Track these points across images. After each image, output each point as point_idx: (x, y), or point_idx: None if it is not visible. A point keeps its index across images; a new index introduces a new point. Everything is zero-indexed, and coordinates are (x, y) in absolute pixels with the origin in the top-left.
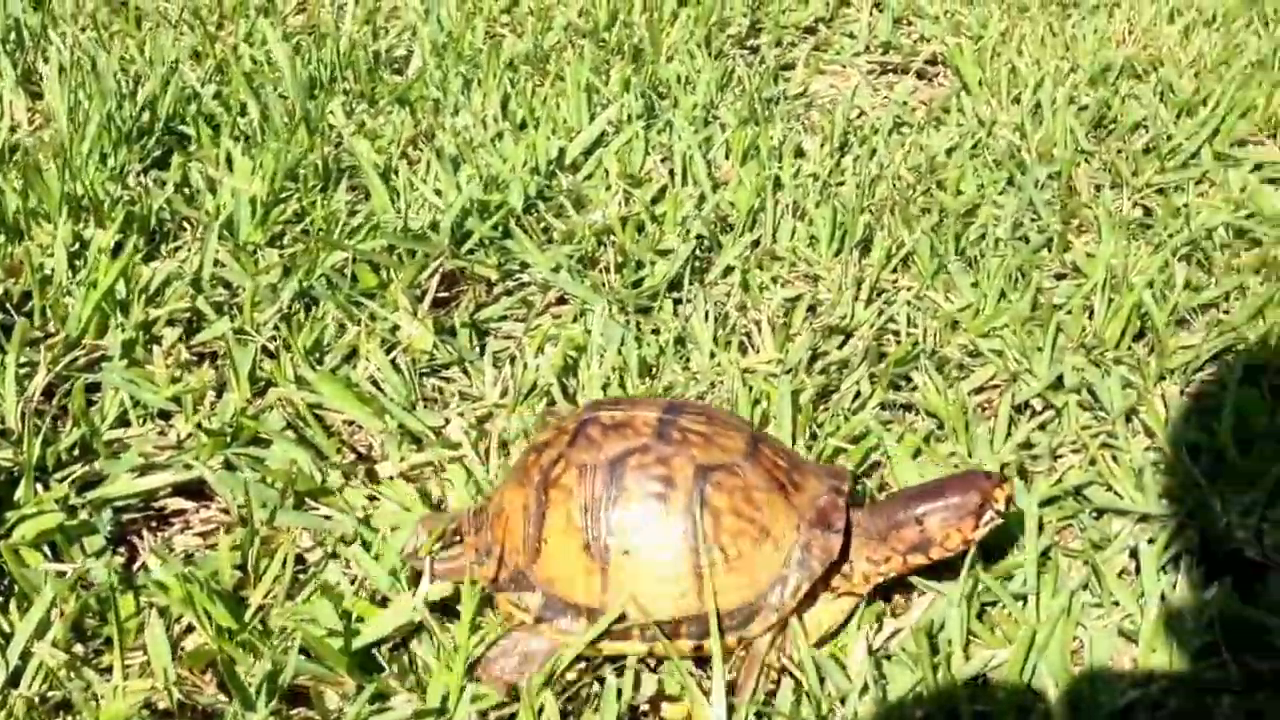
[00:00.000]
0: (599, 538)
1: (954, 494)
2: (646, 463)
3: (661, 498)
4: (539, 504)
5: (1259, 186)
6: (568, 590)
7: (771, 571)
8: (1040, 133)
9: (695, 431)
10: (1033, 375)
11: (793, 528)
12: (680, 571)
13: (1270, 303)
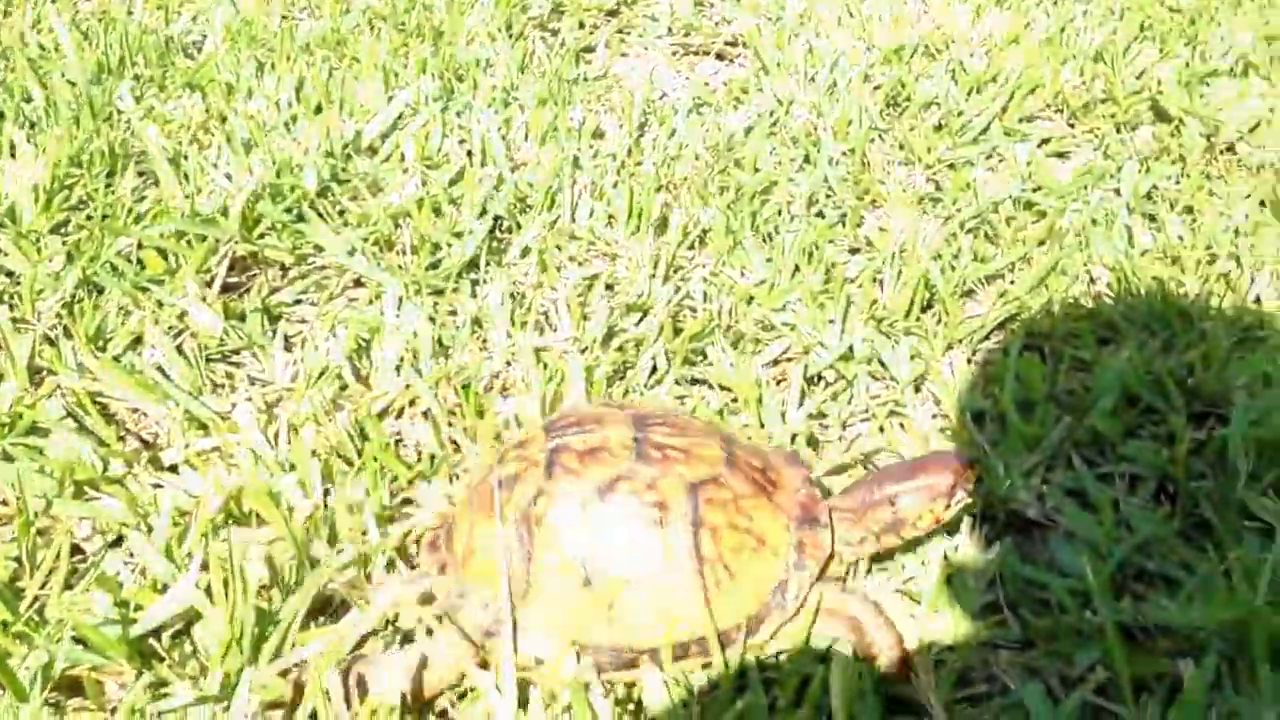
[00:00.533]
0: (598, 572)
1: (926, 475)
2: (636, 489)
3: (659, 523)
4: (523, 543)
5: (1045, 160)
6: (568, 628)
7: (772, 578)
8: (836, 111)
9: (673, 447)
10: (824, 347)
11: (783, 529)
12: (686, 598)
13: (1052, 272)
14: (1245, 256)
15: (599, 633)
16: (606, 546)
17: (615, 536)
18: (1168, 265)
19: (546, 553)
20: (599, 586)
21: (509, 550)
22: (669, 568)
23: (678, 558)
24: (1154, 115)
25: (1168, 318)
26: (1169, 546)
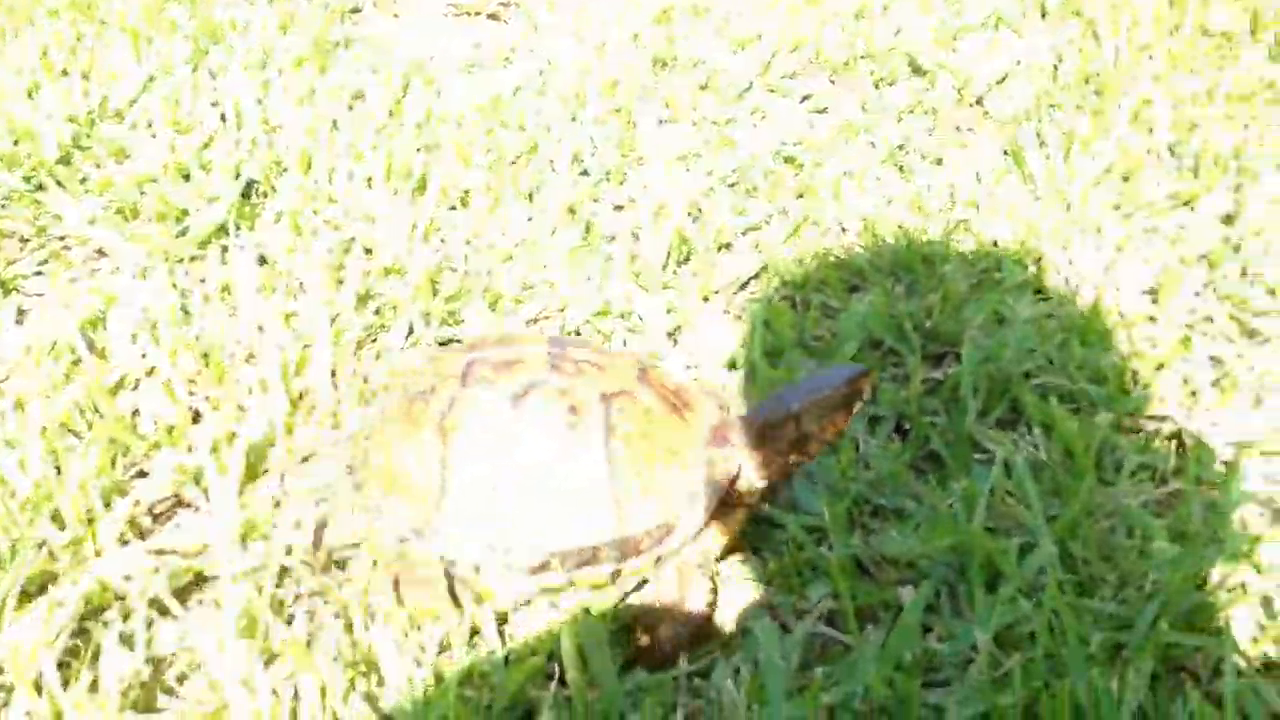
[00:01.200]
0: (509, 473)
1: (824, 389)
2: (549, 395)
3: (571, 426)
4: (438, 449)
5: (806, 116)
6: (483, 532)
7: (681, 490)
8: (604, 71)
9: (588, 362)
10: (582, 302)
11: (693, 445)
12: (597, 498)
13: (805, 223)
14: (985, 202)
15: (513, 536)
16: (519, 450)
17: (528, 441)
18: (914, 214)
19: (460, 458)
20: (511, 490)
21: (423, 458)
22: (581, 472)
23: (589, 462)
24: (910, 70)
25: (911, 264)
26: (902, 481)
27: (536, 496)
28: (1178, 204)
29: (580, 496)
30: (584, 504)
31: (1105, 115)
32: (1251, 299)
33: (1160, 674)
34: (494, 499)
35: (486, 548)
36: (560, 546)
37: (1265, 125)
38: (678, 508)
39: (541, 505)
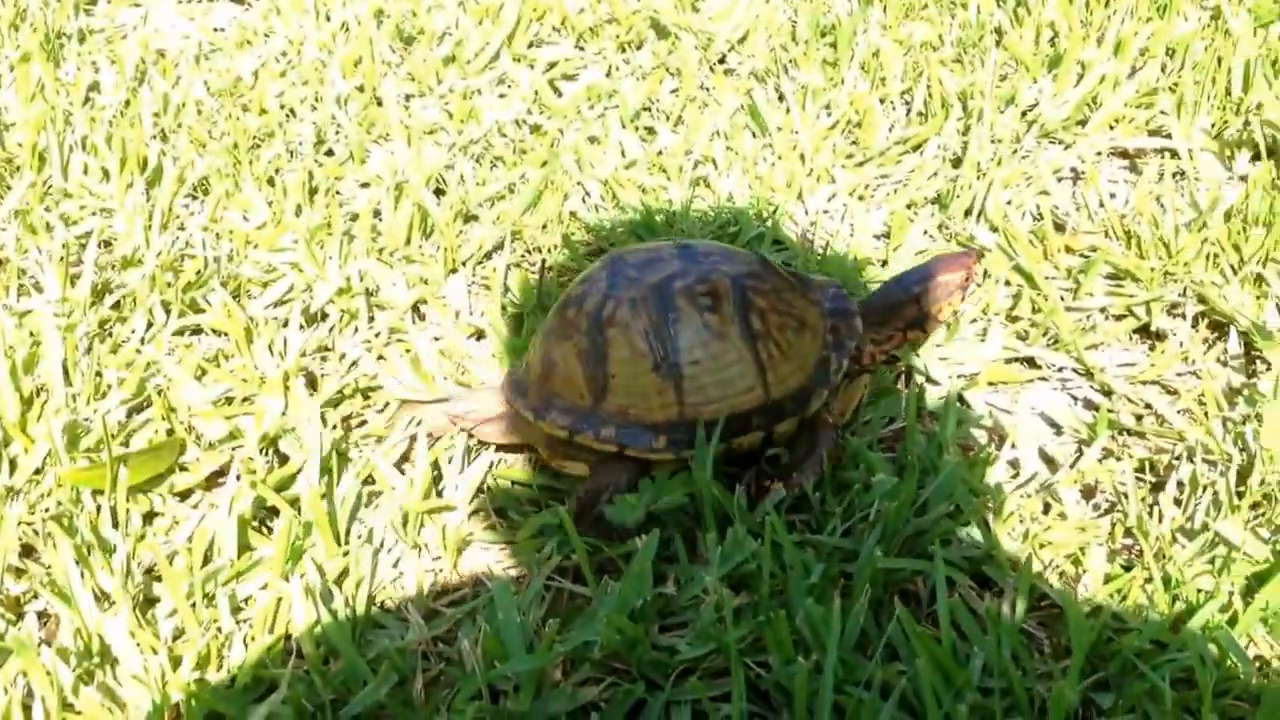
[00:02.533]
0: (666, 356)
1: (941, 273)
2: (689, 282)
3: (713, 308)
4: (596, 345)
5: (553, 83)
6: (643, 413)
7: (814, 356)
8: (348, 48)
9: (714, 252)
10: (325, 282)
11: (819, 316)
12: (746, 369)
13: (547, 189)
14: (722, 159)
15: (671, 411)
16: (671, 333)
17: (677, 323)
18: (656, 174)
19: (619, 348)
20: (668, 369)
21: (583, 355)
22: (728, 345)
23: (734, 336)
24: (655, 33)
25: (651, 224)
26: None
27: (691, 377)
28: (907, 149)
29: (731, 371)
30: (735, 378)
31: (839, 67)
32: (978, 235)
33: (883, 599)
34: (652, 385)
35: (649, 429)
36: (718, 416)
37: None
38: (813, 374)
39: (697, 384)
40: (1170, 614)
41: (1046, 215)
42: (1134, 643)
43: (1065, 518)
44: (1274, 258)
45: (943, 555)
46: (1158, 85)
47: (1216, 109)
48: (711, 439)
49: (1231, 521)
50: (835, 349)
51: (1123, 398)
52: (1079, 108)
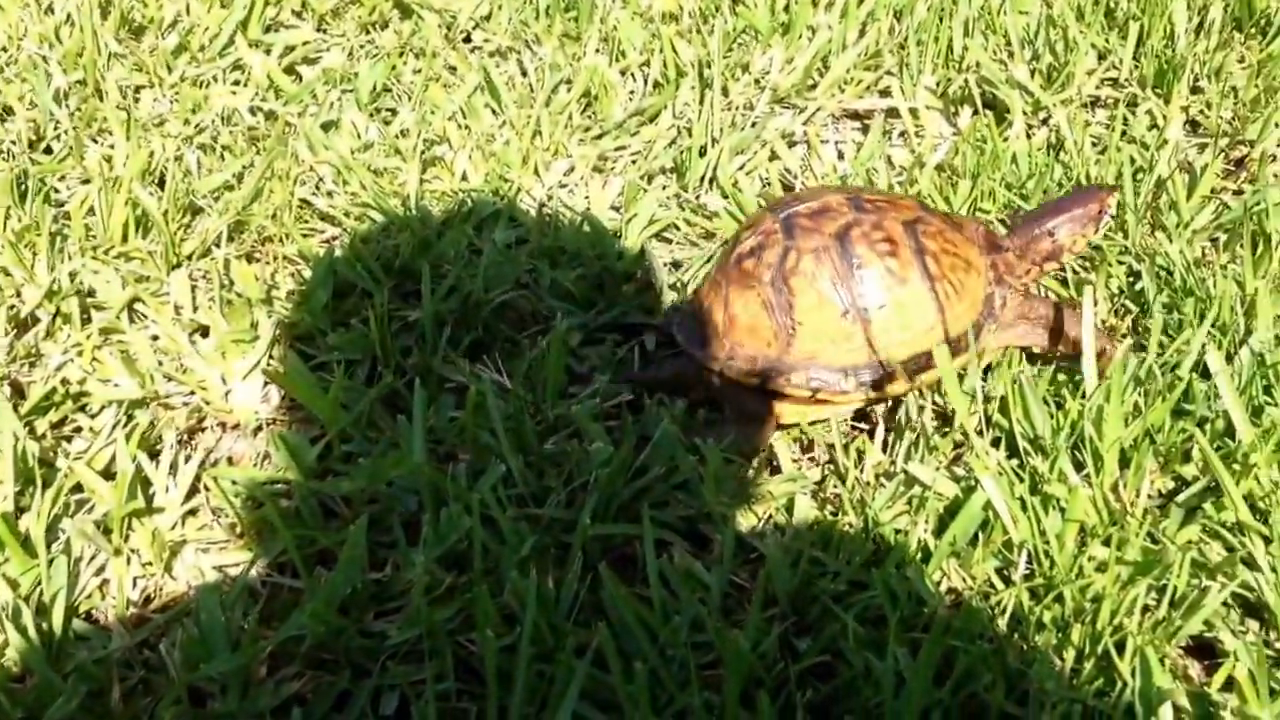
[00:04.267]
0: (854, 301)
1: (1076, 206)
2: (866, 230)
3: (893, 254)
4: (781, 294)
5: (285, 70)
6: (832, 358)
7: (981, 292)
8: (70, 41)
9: (880, 200)
10: (33, 285)
11: (978, 254)
12: (926, 310)
13: (275, 177)
14: (457, 138)
15: (858, 355)
16: (855, 280)
17: (860, 270)
18: (391, 156)
19: (804, 297)
20: (855, 314)
21: (769, 304)
22: (909, 289)
23: (914, 280)
24: (400, 13)
25: (385, 205)
26: (369, 419)
27: (877, 321)
28: (645, 120)
29: (913, 313)
30: (917, 319)
31: (580, 41)
32: (709, 203)
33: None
34: (840, 331)
35: (839, 372)
36: (903, 358)
37: (725, 36)
38: (981, 309)
39: (883, 327)
40: (867, 555)
41: (775, 180)
42: (830, 586)
43: (780, 470)
44: (981, 208)
45: (657, 517)
46: (881, 47)
47: (940, 68)
48: (415, 421)
49: (925, 463)
50: (998, 284)
51: None
52: (807, 73)
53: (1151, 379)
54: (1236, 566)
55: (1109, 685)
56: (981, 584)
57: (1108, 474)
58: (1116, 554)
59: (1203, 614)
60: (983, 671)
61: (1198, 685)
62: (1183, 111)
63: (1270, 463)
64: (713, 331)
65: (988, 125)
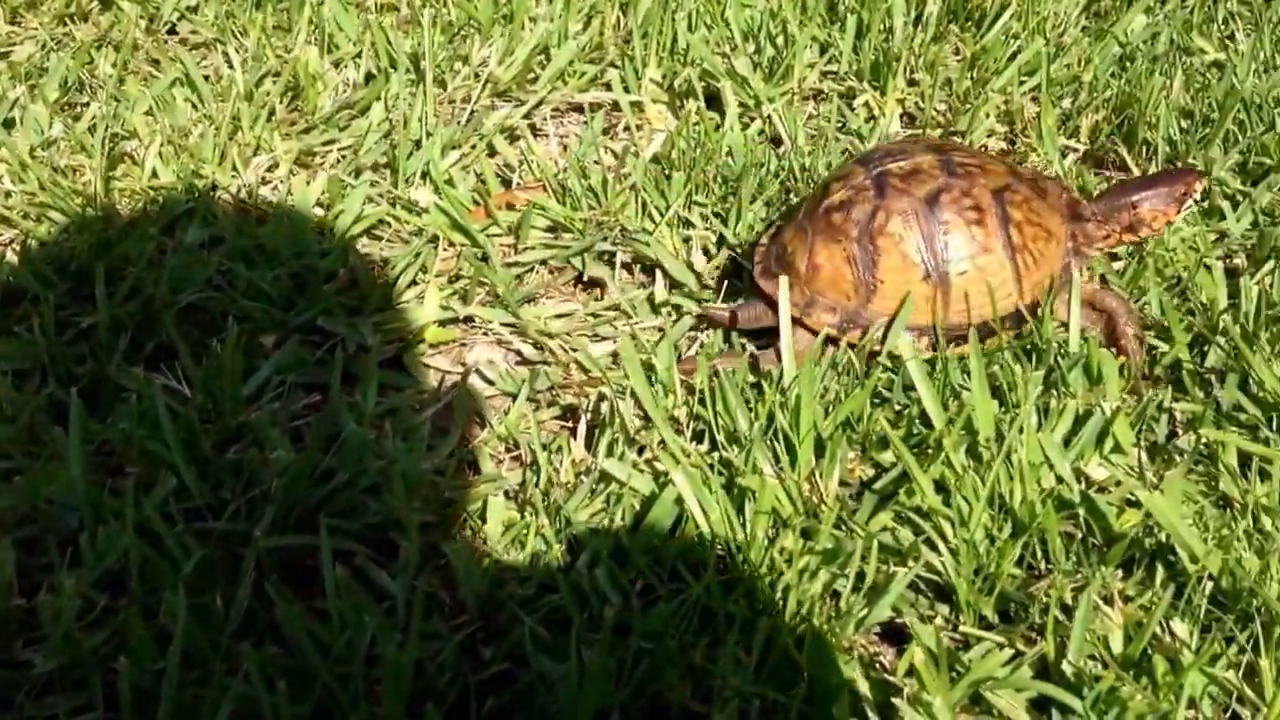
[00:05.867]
0: (937, 266)
1: (1163, 185)
2: (955, 197)
3: (978, 222)
4: (867, 251)
5: None
6: (914, 318)
7: (1059, 262)
8: None
9: (971, 164)
10: None
11: (1059, 224)
12: (1006, 277)
13: None
14: (147, 134)
15: (936, 316)
16: (941, 244)
17: (946, 235)
18: (76, 153)
19: (889, 257)
20: (937, 278)
21: (853, 259)
22: (991, 258)
23: (997, 248)
24: (99, 4)
25: (64, 205)
26: (30, 433)
27: (957, 286)
28: (355, 113)
29: (993, 280)
30: (996, 286)
31: (292, 32)
32: (419, 199)
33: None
34: (920, 292)
35: (913, 331)
36: (979, 320)
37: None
38: (1059, 277)
39: (961, 292)
40: (559, 557)
41: (490, 174)
42: (519, 590)
43: (480, 471)
44: (696, 200)
45: (339, 525)
46: (604, 39)
47: (666, 60)
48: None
49: (618, 460)
50: (1075, 255)
51: (556, 349)
52: (527, 65)
53: (850, 367)
54: (919, 551)
55: (793, 677)
56: (671, 580)
57: (803, 464)
58: (808, 544)
59: (888, 600)
60: (667, 670)
61: (887, 672)
62: (899, 104)
63: (958, 447)
64: (795, 278)
65: (700, 117)
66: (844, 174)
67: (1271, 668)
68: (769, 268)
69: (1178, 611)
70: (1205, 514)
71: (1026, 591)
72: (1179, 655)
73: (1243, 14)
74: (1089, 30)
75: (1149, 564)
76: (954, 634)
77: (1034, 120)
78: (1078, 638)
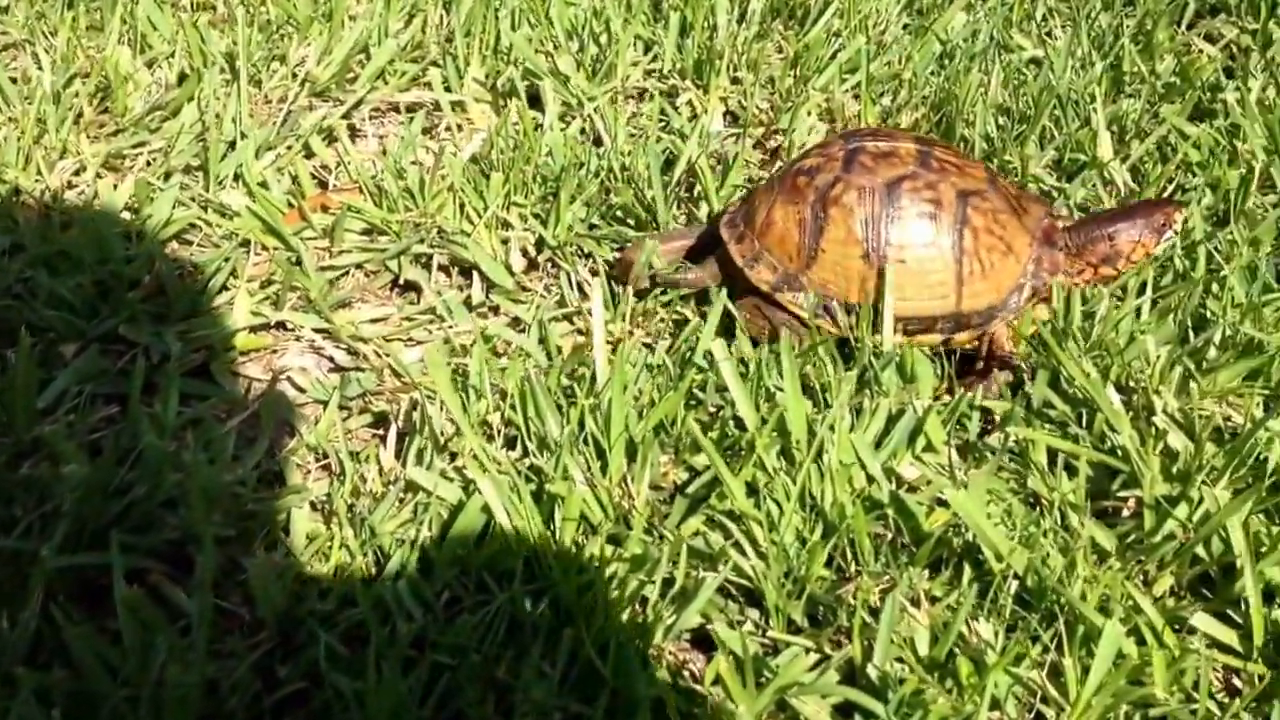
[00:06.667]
0: (878, 248)
1: (1141, 216)
2: (918, 187)
3: (932, 217)
4: (817, 218)
5: None
6: (841, 291)
7: (1011, 280)
8: None
9: (950, 162)
10: None
11: (1027, 244)
12: (945, 278)
13: None
14: None
15: (867, 298)
16: (888, 228)
17: (896, 221)
18: None
19: (836, 228)
20: (874, 260)
21: (802, 223)
22: (935, 254)
23: (944, 246)
24: None
25: None
26: None
27: (895, 270)
28: (168, 114)
29: (931, 277)
30: (933, 283)
31: (103, 31)
32: (231, 202)
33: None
34: (856, 269)
35: (843, 307)
36: (908, 314)
37: (262, 26)
38: (1005, 295)
39: (897, 280)
40: (363, 570)
41: (306, 176)
42: (320, 605)
43: (286, 484)
44: (516, 201)
45: (133, 542)
46: (426, 38)
47: (490, 59)
48: None
49: (426, 468)
50: (1033, 278)
51: (370, 354)
52: (345, 64)
53: (664, 370)
54: (728, 555)
55: (598, 688)
56: (479, 591)
57: (615, 469)
58: (617, 550)
59: (695, 606)
60: (468, 686)
61: (696, 681)
62: (722, 102)
63: (769, 449)
64: (750, 231)
65: (521, 117)
66: (824, 143)
67: (1075, 666)
68: (734, 218)
69: (983, 611)
70: (1013, 512)
71: (835, 594)
72: (983, 656)
73: (1061, 10)
74: (910, 28)
75: (957, 564)
76: (764, 639)
77: (855, 118)
78: (883, 640)
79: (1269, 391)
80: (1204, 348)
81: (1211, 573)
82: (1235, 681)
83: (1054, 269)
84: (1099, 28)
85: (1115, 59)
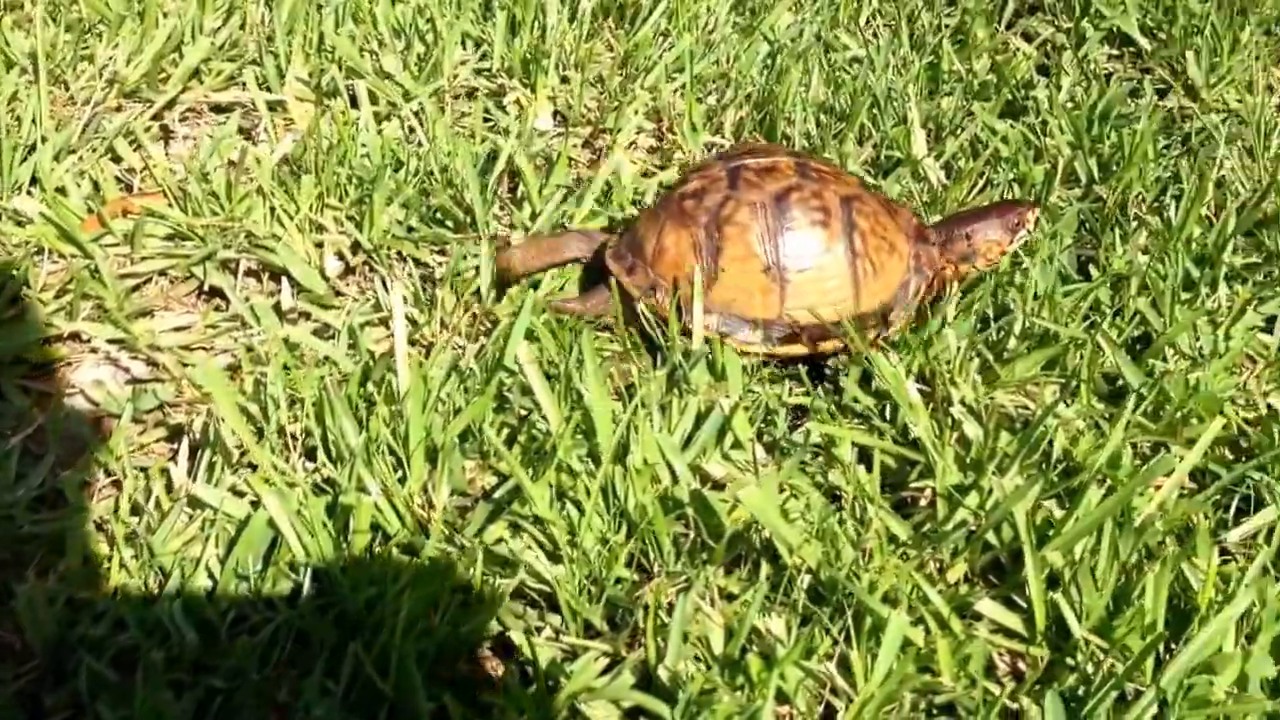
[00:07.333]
0: (777, 261)
1: (996, 215)
2: (805, 197)
3: (824, 224)
4: (712, 238)
5: None
6: (745, 309)
7: (899, 278)
8: None
9: (825, 171)
10: None
11: (904, 242)
12: (843, 282)
13: None
14: None
15: (771, 311)
16: (783, 240)
17: (790, 233)
18: None
19: (734, 246)
20: (776, 272)
21: (698, 245)
22: (832, 259)
23: (838, 252)
24: None
25: None
26: None
27: (796, 283)
28: None
29: (831, 283)
30: (834, 289)
31: None
32: (24, 209)
33: None
34: (759, 285)
35: (749, 324)
36: (810, 322)
37: (71, 24)
38: (895, 294)
39: (799, 290)
40: (142, 591)
41: (109, 180)
42: (92, 630)
43: (67, 504)
44: (329, 203)
45: None
46: (244, 36)
47: (314, 58)
48: None
49: (213, 485)
50: (916, 273)
51: (169, 364)
52: (157, 63)
53: (471, 375)
54: (525, 561)
55: (379, 703)
56: (267, 609)
57: (415, 478)
58: (412, 560)
59: (488, 614)
60: (245, 709)
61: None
62: (550, 101)
63: (572, 451)
64: (640, 261)
65: (342, 117)
66: (702, 166)
67: (862, 658)
68: (619, 251)
69: (776, 606)
70: (812, 506)
71: (633, 596)
72: (774, 651)
73: (885, 10)
74: (739, 27)
75: (756, 561)
76: (561, 645)
77: (679, 117)
78: (675, 641)
79: (1064, 380)
80: (1004, 339)
81: (1003, 559)
82: (1020, 665)
83: (931, 264)
84: (921, 27)
85: (934, 57)
